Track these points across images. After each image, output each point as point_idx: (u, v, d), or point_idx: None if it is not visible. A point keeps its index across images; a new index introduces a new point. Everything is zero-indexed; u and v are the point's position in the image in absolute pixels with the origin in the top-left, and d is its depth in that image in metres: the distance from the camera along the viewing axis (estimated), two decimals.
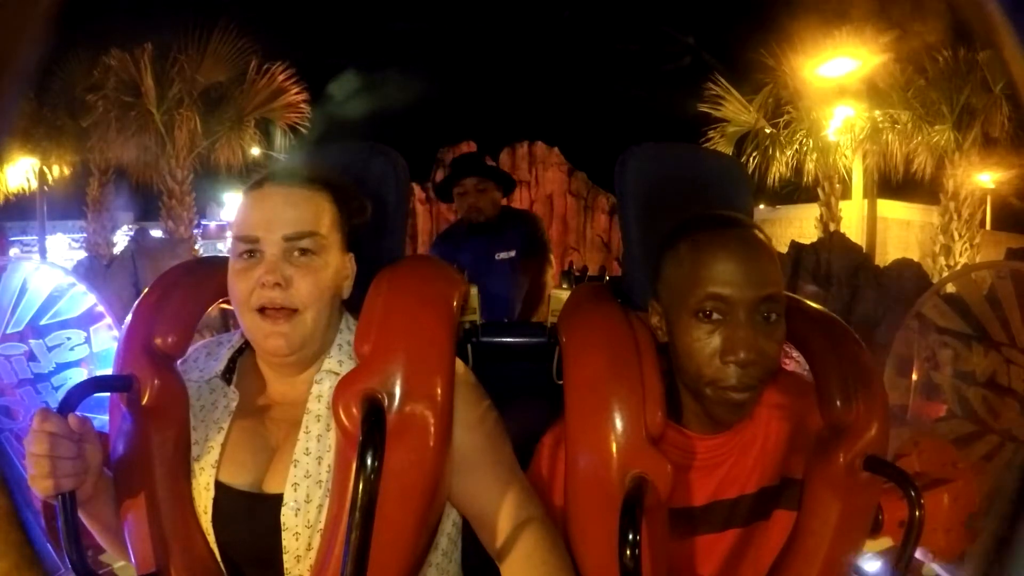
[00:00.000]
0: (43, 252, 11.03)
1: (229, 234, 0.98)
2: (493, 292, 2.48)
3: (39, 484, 0.81)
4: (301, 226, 0.91)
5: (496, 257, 2.64)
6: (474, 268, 2.47)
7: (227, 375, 1.01)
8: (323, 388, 0.93)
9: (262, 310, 0.90)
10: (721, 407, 0.91)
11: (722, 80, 8.72)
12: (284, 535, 0.88)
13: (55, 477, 0.81)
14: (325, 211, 0.95)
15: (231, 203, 13.13)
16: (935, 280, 5.85)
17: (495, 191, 2.69)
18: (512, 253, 2.65)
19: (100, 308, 3.19)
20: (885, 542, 1.00)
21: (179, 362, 1.02)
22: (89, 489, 0.88)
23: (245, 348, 1.02)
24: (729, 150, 8.56)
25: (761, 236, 0.93)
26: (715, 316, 0.89)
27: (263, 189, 0.94)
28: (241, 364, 1.02)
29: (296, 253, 0.91)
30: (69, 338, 3.13)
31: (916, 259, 6.51)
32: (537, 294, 2.66)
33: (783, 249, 6.57)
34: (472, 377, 0.99)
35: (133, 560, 0.93)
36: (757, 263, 0.90)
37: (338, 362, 0.95)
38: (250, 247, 0.91)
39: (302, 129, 9.14)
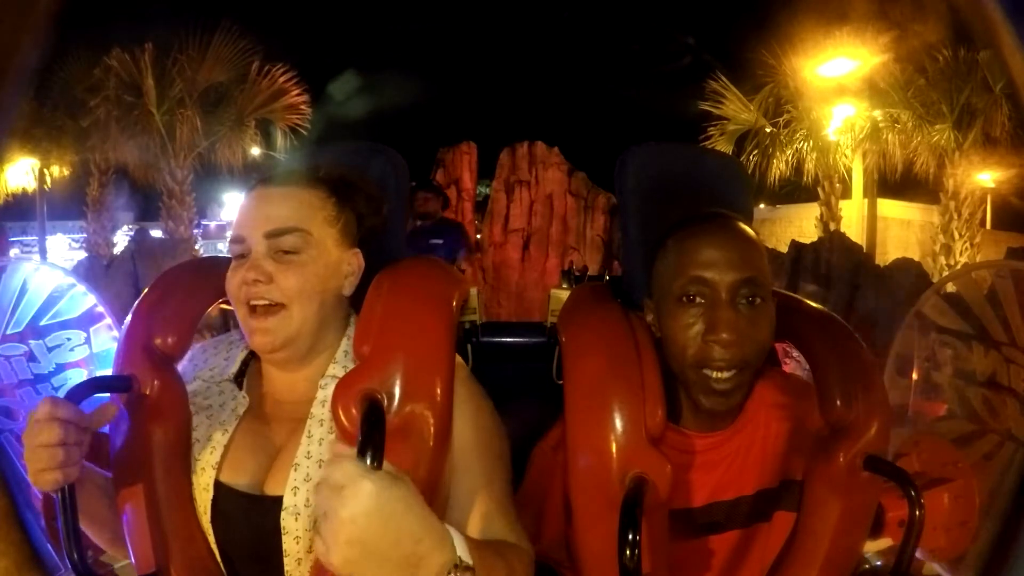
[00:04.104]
0: (43, 252, 11.03)
1: (229, 234, 0.99)
2: None
3: (47, 477, 0.79)
4: (283, 223, 0.92)
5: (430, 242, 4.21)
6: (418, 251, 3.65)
7: (239, 378, 1.01)
8: (328, 393, 0.93)
9: (250, 306, 0.91)
10: (706, 394, 0.92)
11: (722, 78, 8.73)
12: (284, 539, 0.88)
13: (63, 467, 0.80)
14: (316, 207, 0.95)
15: (231, 203, 13.13)
16: (935, 279, 5.85)
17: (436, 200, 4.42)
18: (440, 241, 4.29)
19: (100, 308, 3.18)
20: (885, 542, 0.99)
21: (187, 357, 1.02)
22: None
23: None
24: (729, 149, 8.57)
25: (744, 227, 0.95)
26: (698, 300, 0.92)
27: (255, 191, 0.96)
28: (251, 367, 1.03)
29: (279, 250, 0.92)
30: (69, 339, 3.12)
31: (916, 258, 6.51)
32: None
33: (783, 249, 6.56)
34: (472, 383, 0.98)
35: (133, 560, 0.93)
36: (736, 247, 0.92)
37: (343, 368, 0.95)
38: (239, 247, 0.93)
39: (302, 130, 9.15)
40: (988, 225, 9.34)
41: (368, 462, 0.67)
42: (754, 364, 0.93)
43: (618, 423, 0.90)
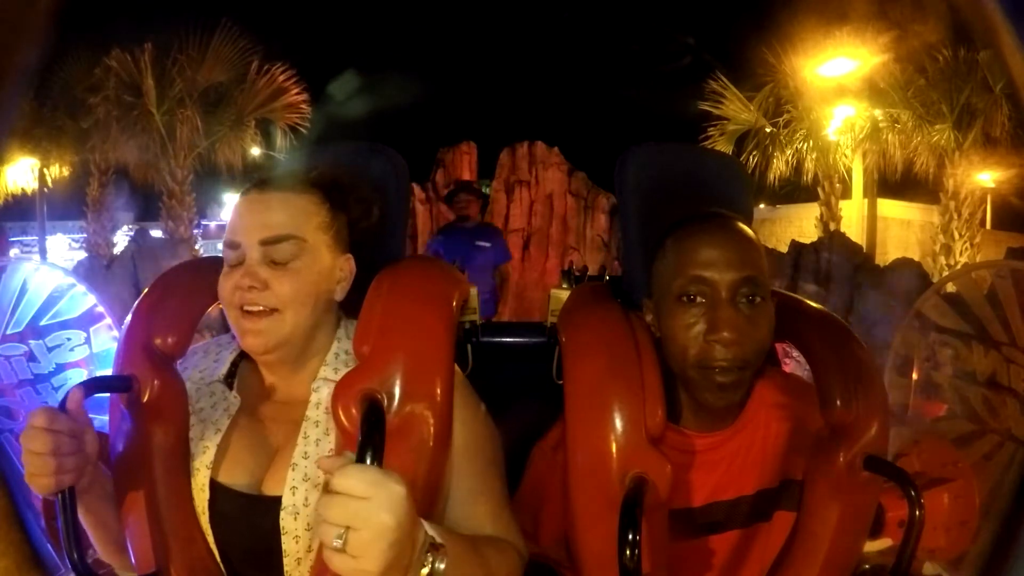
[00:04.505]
0: (43, 252, 11.03)
1: None
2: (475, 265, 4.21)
3: (40, 482, 0.81)
4: (278, 230, 0.92)
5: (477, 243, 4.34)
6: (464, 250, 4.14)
7: (229, 379, 1.01)
8: (322, 395, 0.93)
9: (243, 309, 0.91)
10: (708, 391, 0.92)
11: (722, 78, 8.72)
12: (284, 538, 0.88)
13: (56, 475, 0.80)
14: (311, 213, 0.94)
15: (231, 203, 13.10)
16: (935, 279, 5.84)
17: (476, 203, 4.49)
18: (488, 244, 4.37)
19: (100, 308, 3.18)
20: (885, 542, 0.99)
21: (178, 362, 1.02)
22: (85, 482, 0.87)
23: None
24: (729, 149, 8.56)
25: (743, 226, 0.96)
26: (698, 299, 0.92)
27: (249, 195, 0.95)
28: (242, 368, 1.02)
29: (274, 256, 0.91)
30: (69, 339, 3.13)
31: (916, 259, 6.50)
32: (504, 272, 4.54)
33: (783, 249, 6.56)
34: (468, 387, 0.98)
35: (133, 560, 0.93)
36: (736, 246, 0.93)
37: (334, 370, 0.95)
38: (233, 252, 0.93)
39: (302, 129, 9.14)
40: (988, 225, 9.33)
41: (368, 462, 0.67)
42: (755, 363, 0.93)
43: (618, 423, 0.90)
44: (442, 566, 0.72)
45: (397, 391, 0.86)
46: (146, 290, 1.04)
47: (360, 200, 1.01)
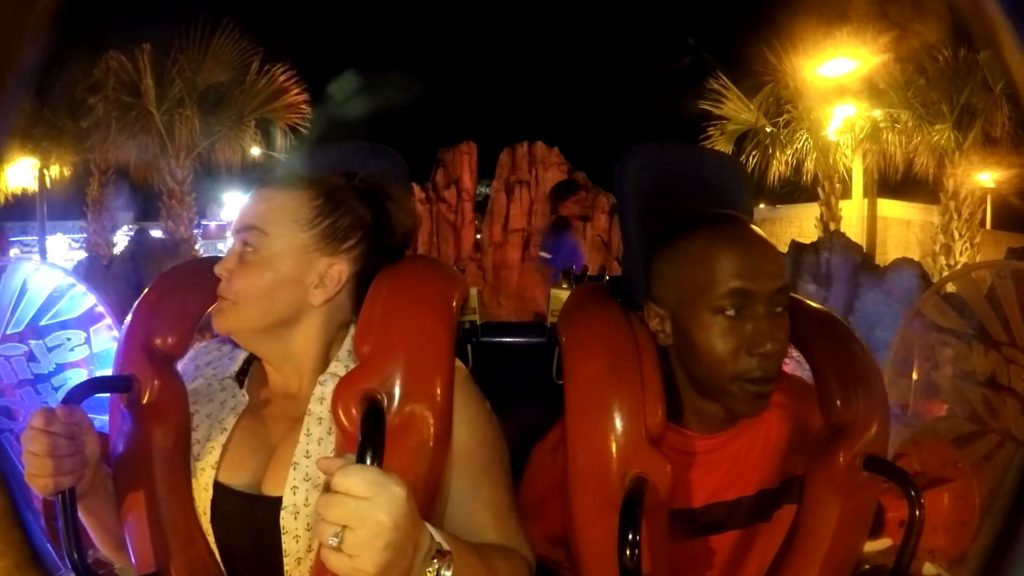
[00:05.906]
0: (43, 252, 11.04)
1: (229, 234, 1.00)
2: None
3: (38, 483, 0.81)
4: (245, 220, 0.94)
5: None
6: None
7: (240, 377, 1.01)
8: (326, 390, 0.92)
9: None
10: (745, 402, 0.91)
11: (722, 78, 8.73)
12: (284, 538, 0.88)
13: (54, 476, 0.81)
14: (289, 209, 0.93)
15: (231, 203, 13.13)
16: (935, 279, 5.84)
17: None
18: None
19: (100, 308, 3.18)
20: (885, 542, 1.00)
21: (191, 356, 1.02)
22: (86, 484, 0.87)
23: None
24: (729, 149, 8.56)
25: (760, 230, 0.95)
26: (738, 312, 0.90)
27: (253, 190, 0.98)
28: (254, 367, 1.03)
29: (239, 247, 0.93)
30: (69, 338, 3.12)
31: (916, 259, 6.50)
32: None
33: (783, 249, 6.56)
34: (472, 385, 0.98)
35: (133, 560, 0.93)
36: (770, 255, 0.91)
37: (345, 367, 0.94)
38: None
39: (302, 129, 9.14)
40: (988, 225, 9.34)
41: (368, 462, 0.67)
42: (780, 371, 0.93)
43: (618, 423, 0.90)
44: (448, 573, 0.72)
45: (397, 391, 0.86)
46: (146, 290, 1.04)
47: (395, 199, 1.02)
